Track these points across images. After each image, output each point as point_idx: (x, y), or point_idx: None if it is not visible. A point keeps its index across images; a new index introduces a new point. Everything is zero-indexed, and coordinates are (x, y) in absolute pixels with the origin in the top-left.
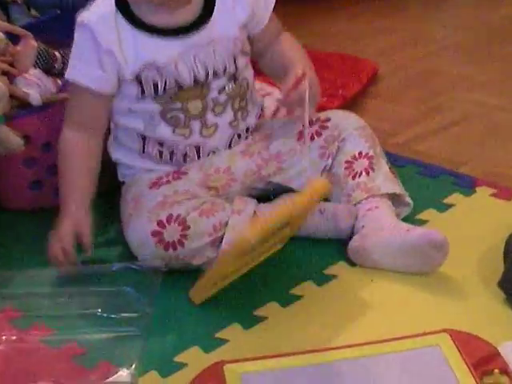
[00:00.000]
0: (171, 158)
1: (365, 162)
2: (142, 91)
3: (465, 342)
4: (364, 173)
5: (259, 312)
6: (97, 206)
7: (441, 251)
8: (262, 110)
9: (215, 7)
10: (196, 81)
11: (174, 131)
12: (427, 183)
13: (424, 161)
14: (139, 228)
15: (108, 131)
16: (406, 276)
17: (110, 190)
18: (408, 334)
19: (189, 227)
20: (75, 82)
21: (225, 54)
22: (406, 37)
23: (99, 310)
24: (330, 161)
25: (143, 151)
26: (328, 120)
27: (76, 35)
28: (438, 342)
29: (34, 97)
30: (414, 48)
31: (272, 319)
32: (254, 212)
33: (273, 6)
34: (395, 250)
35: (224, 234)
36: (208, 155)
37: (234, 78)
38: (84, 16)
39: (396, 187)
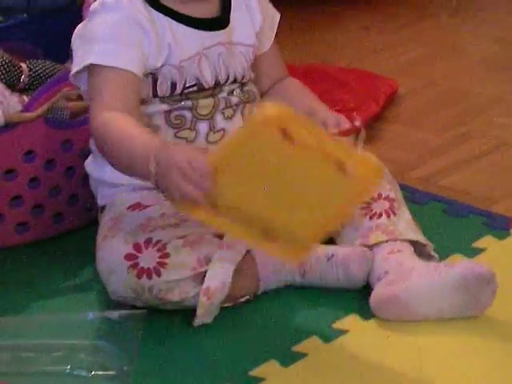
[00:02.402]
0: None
1: (385, 204)
2: (154, 92)
3: None
4: (384, 214)
5: (255, 372)
6: (69, 246)
7: (489, 286)
8: None
9: (232, 9)
10: (217, 82)
11: (175, 134)
12: (454, 224)
13: (450, 197)
14: (112, 250)
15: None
16: (435, 327)
17: (82, 225)
18: None
19: (168, 255)
20: (103, 64)
21: (244, 60)
22: (430, 50)
23: (68, 367)
24: None
25: None
26: None
27: (97, 19)
28: None
29: None
30: (440, 63)
31: (270, 380)
32: (248, 252)
33: (276, 25)
34: (437, 293)
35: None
36: None
37: (244, 86)
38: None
39: (420, 236)
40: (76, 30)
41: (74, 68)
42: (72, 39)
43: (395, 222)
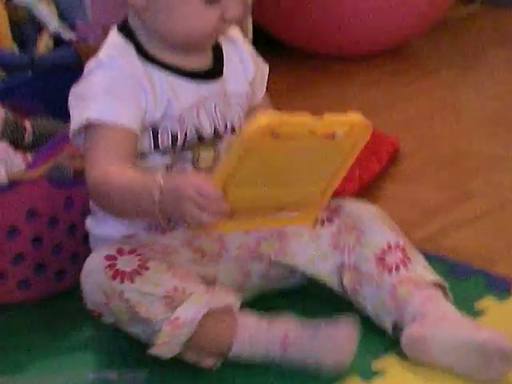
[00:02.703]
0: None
1: (398, 254)
2: (155, 144)
3: None
4: (401, 265)
5: None
6: (70, 303)
7: (505, 361)
8: None
9: (224, 60)
10: (216, 133)
11: None
12: (455, 284)
13: (452, 257)
14: (95, 254)
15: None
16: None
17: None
18: None
19: (147, 268)
20: (100, 121)
21: (240, 110)
22: (432, 107)
23: None
24: (349, 256)
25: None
26: (339, 207)
27: (92, 77)
28: None
29: None
30: (442, 121)
31: None
32: (231, 308)
33: (266, 77)
34: (461, 347)
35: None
36: None
37: None
38: (99, 56)
39: (437, 277)
40: (72, 89)
41: (72, 127)
42: (69, 99)
43: (413, 268)
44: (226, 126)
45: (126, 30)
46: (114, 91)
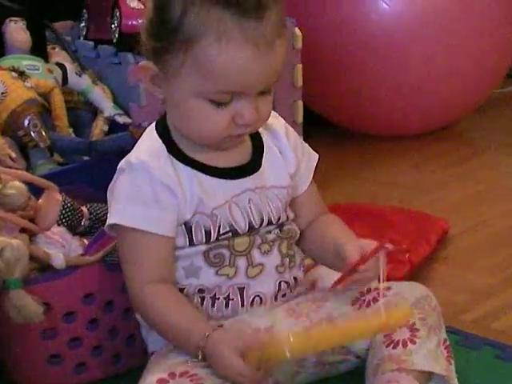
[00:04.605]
0: (213, 305)
1: (406, 333)
2: (190, 240)
3: None
4: (401, 344)
5: None
6: None
7: None
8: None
9: (264, 155)
10: (251, 226)
11: (217, 272)
12: (506, 369)
13: (503, 342)
14: (149, 377)
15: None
16: None
17: (139, 365)
18: None
19: None
20: (133, 227)
21: (279, 202)
22: (481, 189)
23: None
24: None
25: None
26: (389, 289)
27: (123, 178)
28: None
29: (57, 258)
30: (492, 203)
31: None
32: None
33: (314, 167)
34: None
35: None
36: (252, 301)
37: (283, 225)
38: (131, 157)
39: (437, 367)
40: (110, 184)
41: (107, 222)
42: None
43: (412, 351)
44: (262, 220)
45: (162, 125)
46: (143, 197)
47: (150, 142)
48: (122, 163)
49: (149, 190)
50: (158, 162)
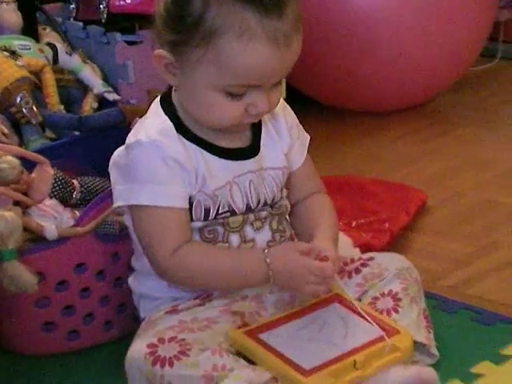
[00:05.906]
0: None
1: (389, 302)
2: (190, 217)
3: None
4: (385, 313)
5: None
6: (117, 353)
7: None
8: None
9: (261, 136)
10: (248, 208)
11: None
12: (482, 331)
13: (478, 306)
14: (139, 342)
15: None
16: None
17: (130, 333)
18: None
19: (186, 354)
20: (155, 204)
21: (274, 184)
22: (456, 162)
23: None
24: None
25: None
26: (371, 259)
27: (135, 158)
28: None
29: (50, 230)
30: (467, 175)
31: None
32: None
33: (307, 147)
34: None
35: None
36: None
37: (275, 204)
38: (140, 135)
39: (419, 335)
40: (113, 157)
41: (117, 202)
42: (109, 165)
43: (396, 320)
44: (258, 201)
45: (168, 103)
46: (159, 175)
47: (158, 120)
48: (130, 140)
49: (164, 168)
50: (168, 140)
